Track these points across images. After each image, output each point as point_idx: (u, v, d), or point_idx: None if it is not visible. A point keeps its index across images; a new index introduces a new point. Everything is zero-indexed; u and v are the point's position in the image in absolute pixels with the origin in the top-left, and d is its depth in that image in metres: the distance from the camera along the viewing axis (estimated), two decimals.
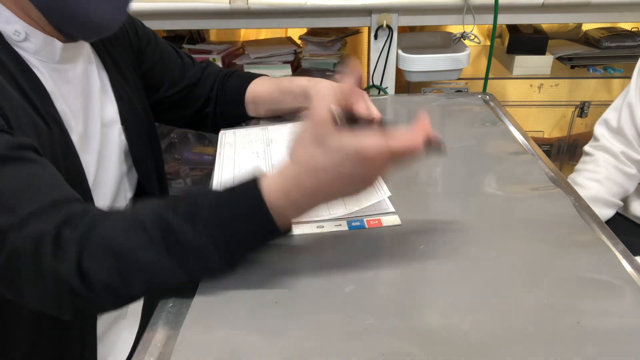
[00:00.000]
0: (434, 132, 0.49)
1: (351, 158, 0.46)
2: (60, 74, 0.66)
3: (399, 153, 0.48)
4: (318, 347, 0.46)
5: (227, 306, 0.51)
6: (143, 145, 0.83)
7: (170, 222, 0.51)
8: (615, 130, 1.02)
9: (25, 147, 0.54)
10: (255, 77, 0.93)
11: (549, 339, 0.45)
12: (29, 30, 0.62)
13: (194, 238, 0.50)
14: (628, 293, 0.50)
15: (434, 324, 0.47)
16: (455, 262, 0.55)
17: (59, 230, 0.50)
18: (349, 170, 0.47)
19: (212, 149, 0.87)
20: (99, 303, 0.54)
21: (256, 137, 0.85)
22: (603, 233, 0.59)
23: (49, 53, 0.64)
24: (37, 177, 0.53)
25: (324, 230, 0.61)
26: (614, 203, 1.01)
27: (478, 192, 0.69)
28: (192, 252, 0.50)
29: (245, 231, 0.51)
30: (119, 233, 0.51)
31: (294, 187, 0.49)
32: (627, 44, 1.65)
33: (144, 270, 0.51)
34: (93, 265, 0.50)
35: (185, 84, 0.90)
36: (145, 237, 0.51)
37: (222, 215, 0.51)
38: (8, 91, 0.58)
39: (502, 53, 1.74)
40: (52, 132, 0.63)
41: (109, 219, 0.53)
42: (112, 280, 0.51)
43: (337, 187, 0.49)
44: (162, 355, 0.46)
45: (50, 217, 0.51)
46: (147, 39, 0.87)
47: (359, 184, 0.50)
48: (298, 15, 1.43)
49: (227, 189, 0.52)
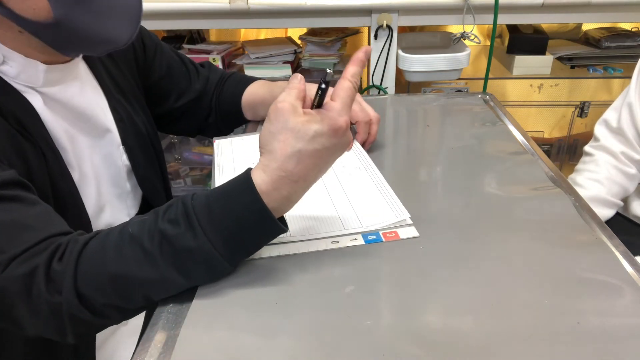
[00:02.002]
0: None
1: (324, 133, 0.50)
2: (50, 96, 0.63)
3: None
4: (318, 347, 0.45)
5: (227, 306, 0.51)
6: (148, 164, 0.81)
7: (162, 229, 0.50)
8: (615, 131, 1.02)
9: (10, 184, 0.52)
10: (250, 82, 0.92)
11: (549, 339, 0.45)
12: (6, 53, 0.58)
13: (189, 240, 0.49)
14: (628, 293, 0.50)
15: (434, 324, 0.47)
16: (455, 262, 0.55)
17: (48, 264, 0.50)
18: (324, 144, 0.50)
19: (212, 149, 0.87)
20: (102, 322, 0.53)
21: (254, 146, 0.84)
22: (603, 233, 0.59)
23: (30, 76, 0.61)
24: (22, 216, 0.52)
25: (339, 245, 0.59)
26: (614, 203, 1.01)
27: (478, 192, 0.69)
28: (189, 256, 0.50)
29: (239, 221, 0.50)
30: (109, 252, 0.51)
31: (279, 177, 0.50)
32: (627, 44, 1.65)
33: (143, 284, 0.50)
34: (90, 290, 0.50)
35: (192, 96, 0.89)
36: (138, 251, 0.50)
37: (213, 209, 0.50)
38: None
39: (502, 53, 1.74)
40: (41, 154, 0.61)
41: (97, 240, 0.52)
42: (112, 300, 0.51)
43: (317, 163, 0.51)
44: (162, 355, 0.46)
45: (38, 255, 0.50)
46: (153, 50, 0.85)
47: (335, 154, 0.52)
48: (298, 15, 1.43)
49: (216, 187, 0.52)
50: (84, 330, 0.53)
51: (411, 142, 0.87)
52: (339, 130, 0.50)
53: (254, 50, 1.63)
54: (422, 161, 0.80)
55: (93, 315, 0.51)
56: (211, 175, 0.79)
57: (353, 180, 0.72)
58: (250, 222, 0.50)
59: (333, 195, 0.68)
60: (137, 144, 0.78)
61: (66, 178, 0.65)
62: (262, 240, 0.54)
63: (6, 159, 0.55)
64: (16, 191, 0.52)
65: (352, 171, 0.74)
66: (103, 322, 0.54)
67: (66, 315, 0.50)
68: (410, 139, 0.88)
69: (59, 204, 0.63)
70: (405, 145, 0.85)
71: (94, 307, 0.51)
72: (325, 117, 0.50)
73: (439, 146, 0.85)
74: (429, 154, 0.82)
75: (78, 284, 0.49)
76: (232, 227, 0.50)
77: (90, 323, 0.52)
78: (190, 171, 1.93)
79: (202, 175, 1.93)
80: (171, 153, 1.88)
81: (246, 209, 0.50)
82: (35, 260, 0.49)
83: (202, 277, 0.53)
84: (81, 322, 0.51)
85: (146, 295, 0.51)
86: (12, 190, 0.52)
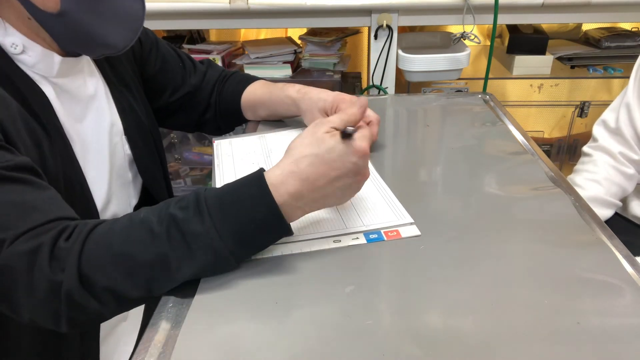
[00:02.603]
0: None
1: (342, 149, 0.54)
2: (61, 86, 0.66)
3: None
4: (318, 347, 0.46)
5: (227, 306, 0.51)
6: (148, 154, 0.83)
7: (172, 213, 0.51)
8: (613, 131, 1.02)
9: (23, 169, 0.54)
10: (251, 81, 0.93)
11: (549, 339, 0.45)
12: (27, 43, 0.62)
13: (197, 224, 0.50)
14: (628, 293, 0.50)
15: (434, 324, 0.47)
16: (455, 262, 0.55)
17: (54, 242, 0.50)
18: (340, 157, 0.54)
19: (211, 149, 0.87)
20: (97, 310, 0.52)
21: (254, 147, 0.84)
22: (603, 233, 0.59)
23: (46, 66, 0.64)
24: (33, 198, 0.53)
25: (341, 244, 0.59)
26: (612, 203, 1.01)
27: (478, 192, 0.69)
28: (195, 240, 0.50)
29: (247, 213, 0.51)
30: (117, 234, 0.51)
31: (290, 172, 0.53)
32: (627, 44, 1.65)
33: (146, 266, 0.50)
34: (93, 270, 0.50)
35: (186, 90, 0.90)
36: (146, 232, 0.51)
37: (224, 200, 0.52)
38: (7, 99, 0.57)
39: (502, 53, 1.74)
40: (53, 141, 0.63)
41: (106, 224, 0.53)
42: (113, 282, 0.50)
43: (328, 174, 0.54)
44: (162, 355, 0.46)
45: (44, 234, 0.50)
46: (149, 46, 0.87)
47: (348, 177, 0.55)
48: (298, 15, 1.43)
49: (232, 181, 0.54)
50: (78, 316, 0.52)
51: (411, 142, 0.87)
52: (356, 151, 0.54)
53: (254, 50, 1.63)
54: (422, 161, 0.80)
55: (90, 298, 0.50)
56: (211, 175, 0.79)
57: None
58: (257, 215, 0.52)
59: None
60: (138, 134, 0.80)
61: (75, 167, 0.66)
62: (267, 237, 0.55)
63: (22, 143, 0.57)
64: (29, 175, 0.54)
65: None
66: (99, 310, 0.52)
67: (64, 296, 0.50)
68: (410, 139, 0.88)
69: (68, 192, 0.64)
70: (405, 145, 0.85)
71: (93, 289, 0.50)
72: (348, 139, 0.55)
73: (439, 146, 0.85)
74: (429, 154, 0.82)
75: (82, 263, 0.50)
76: (239, 218, 0.51)
77: (86, 309, 0.51)
78: (190, 171, 1.93)
79: (202, 175, 1.94)
80: (171, 153, 1.88)
81: (254, 201, 0.52)
82: (41, 238, 0.50)
83: (205, 265, 0.52)
84: (77, 306, 0.50)
85: (148, 280, 0.51)
86: (25, 174, 0.53)
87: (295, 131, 0.89)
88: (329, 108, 0.80)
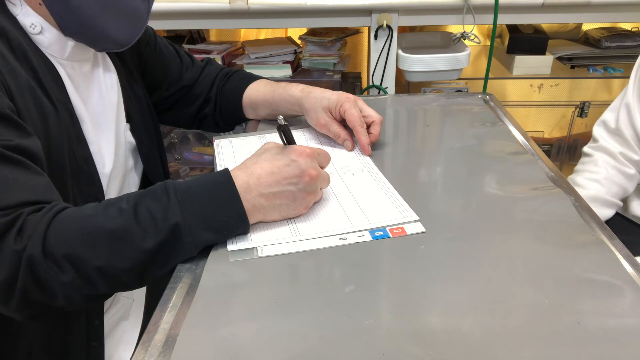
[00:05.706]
0: None
1: (282, 149, 0.62)
2: (72, 68, 0.68)
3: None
4: (318, 347, 0.46)
5: (227, 306, 0.51)
6: (150, 142, 0.84)
7: (140, 193, 0.55)
8: (613, 131, 1.02)
9: (22, 151, 0.55)
10: (253, 80, 0.93)
11: (549, 339, 0.45)
12: (44, 25, 0.64)
13: (162, 201, 0.54)
14: (628, 293, 0.50)
15: (434, 324, 0.47)
16: (455, 262, 0.55)
17: (25, 217, 0.51)
18: (280, 158, 0.60)
19: (212, 149, 0.88)
20: (56, 281, 0.51)
21: (254, 146, 0.84)
22: (603, 233, 0.59)
23: (59, 48, 0.66)
24: (24, 180, 0.54)
25: (347, 242, 0.59)
26: (613, 203, 1.01)
27: (478, 192, 0.69)
28: (161, 214, 0.53)
29: (208, 191, 0.56)
30: (86, 211, 0.54)
31: (245, 163, 0.61)
32: (627, 44, 1.65)
33: (109, 234, 0.52)
34: (57, 236, 0.51)
35: (182, 84, 0.91)
36: (114, 210, 0.53)
37: (190, 184, 0.57)
38: (17, 70, 0.59)
39: (502, 53, 1.74)
40: (61, 117, 0.64)
41: (80, 207, 0.55)
42: (75, 250, 0.51)
43: (274, 168, 0.60)
44: (162, 355, 0.46)
45: (17, 212, 0.51)
46: (147, 40, 0.87)
47: (292, 178, 0.60)
48: (298, 15, 1.43)
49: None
50: (33, 290, 0.51)
51: (411, 142, 0.87)
52: (293, 150, 0.60)
53: (254, 50, 1.63)
54: (422, 161, 0.80)
55: (51, 264, 0.50)
56: None
57: (356, 180, 0.72)
58: (216, 192, 0.56)
59: (339, 195, 0.68)
60: (141, 121, 0.82)
61: (83, 145, 0.68)
62: (222, 210, 0.57)
63: (28, 114, 0.59)
64: (26, 159, 0.55)
65: (354, 172, 0.75)
66: (58, 280, 0.51)
67: (24, 264, 0.50)
68: (410, 139, 0.88)
69: (74, 167, 0.66)
70: (405, 145, 0.85)
71: (54, 257, 0.51)
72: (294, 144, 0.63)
73: (439, 146, 0.85)
74: (429, 154, 0.82)
75: (48, 232, 0.51)
76: (200, 196, 0.56)
77: (44, 282, 0.51)
78: (190, 171, 1.93)
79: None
80: (171, 153, 1.87)
81: (216, 181, 0.58)
82: (13, 216, 0.51)
83: (166, 242, 0.53)
84: (35, 280, 0.50)
85: (110, 250, 0.52)
86: (22, 157, 0.54)
87: (296, 131, 0.89)
88: (332, 107, 0.80)
